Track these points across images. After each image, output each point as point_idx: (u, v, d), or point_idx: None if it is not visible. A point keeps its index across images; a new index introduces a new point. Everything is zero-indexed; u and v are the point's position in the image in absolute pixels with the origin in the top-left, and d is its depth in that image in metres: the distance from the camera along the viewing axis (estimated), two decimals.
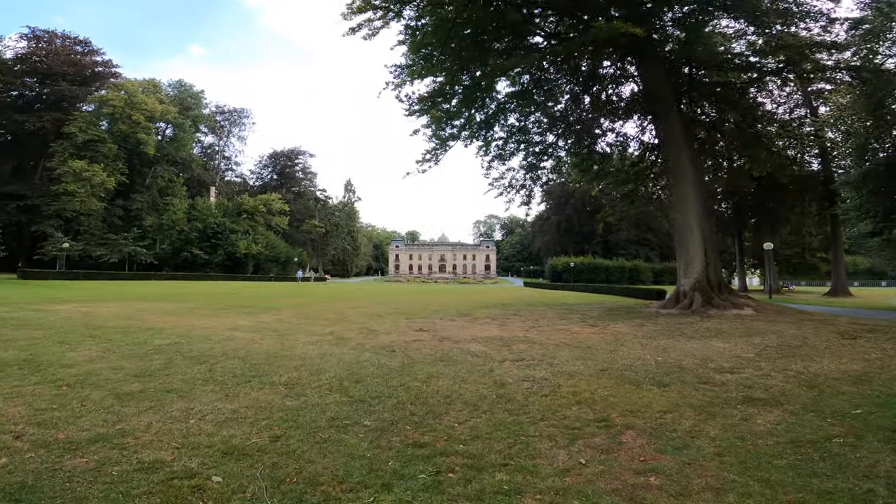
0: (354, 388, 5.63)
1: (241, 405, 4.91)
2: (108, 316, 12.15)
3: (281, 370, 6.50)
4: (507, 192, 20.44)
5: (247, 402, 5.02)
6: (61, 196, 46.52)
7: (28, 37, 51.94)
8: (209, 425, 4.28)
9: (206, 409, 4.73)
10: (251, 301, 18.89)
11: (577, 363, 7.20)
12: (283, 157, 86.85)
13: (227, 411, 4.69)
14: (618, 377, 6.31)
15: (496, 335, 10.10)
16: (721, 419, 4.61)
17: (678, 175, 15.59)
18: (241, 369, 6.52)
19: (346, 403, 5.04)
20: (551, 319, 13.45)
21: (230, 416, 4.53)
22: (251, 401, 5.08)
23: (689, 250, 14.32)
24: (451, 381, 6.04)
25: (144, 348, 7.83)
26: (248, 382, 5.86)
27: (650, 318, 12.78)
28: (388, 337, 9.72)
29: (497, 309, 17.23)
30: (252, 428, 4.24)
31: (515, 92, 19.56)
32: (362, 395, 5.34)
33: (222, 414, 4.60)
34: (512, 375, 6.40)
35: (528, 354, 7.91)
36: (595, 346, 8.78)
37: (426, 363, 7.08)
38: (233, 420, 4.44)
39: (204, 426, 4.25)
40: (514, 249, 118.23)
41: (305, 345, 8.55)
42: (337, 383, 5.85)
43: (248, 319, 12.23)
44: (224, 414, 4.61)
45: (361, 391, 5.51)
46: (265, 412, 4.69)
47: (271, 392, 5.44)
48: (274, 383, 5.83)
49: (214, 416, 4.52)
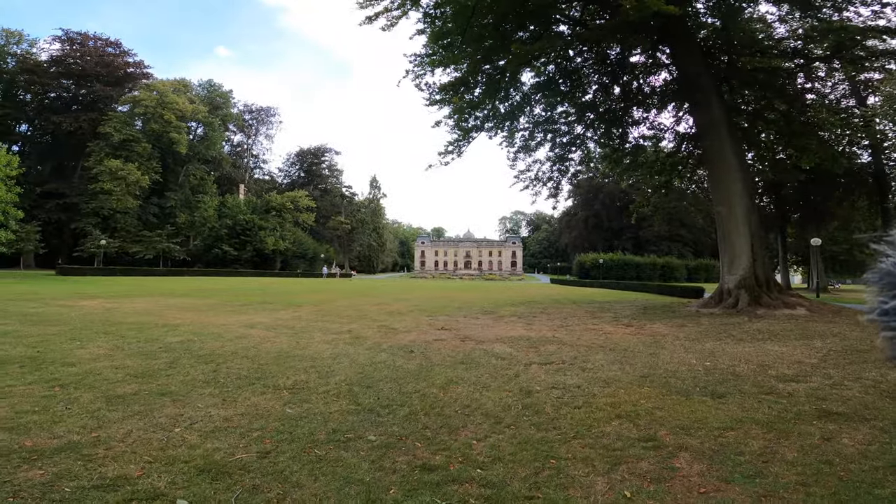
0: (364, 395, 5.08)
1: (236, 412, 4.44)
2: (129, 312, 12.06)
3: (289, 372, 6.03)
4: (534, 184, 19.62)
5: (243, 409, 4.54)
6: (98, 195, 48.09)
7: (62, 39, 53.75)
8: (194, 435, 3.81)
9: (197, 416, 4.28)
10: (274, 297, 18.74)
11: (614, 368, 6.47)
12: (309, 155, 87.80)
13: (218, 419, 4.22)
14: (662, 385, 5.56)
15: (522, 335, 9.42)
16: (797, 439, 3.84)
17: (721, 166, 14.46)
18: (248, 370, 6.08)
19: (353, 412, 4.50)
20: (581, 318, 12.65)
21: (220, 425, 4.06)
22: (249, 407, 4.61)
23: (735, 245, 13.22)
24: (471, 387, 5.43)
25: (154, 346, 7.52)
26: (250, 385, 5.40)
27: (691, 318, 11.82)
28: (407, 336, 9.18)
29: (523, 306, 16.50)
30: (241, 440, 3.74)
31: (541, 83, 18.70)
32: (372, 403, 4.79)
33: (213, 422, 4.13)
34: (540, 382, 5.74)
35: (558, 357, 7.21)
36: (632, 348, 7.99)
37: (446, 366, 6.49)
38: (222, 430, 3.95)
39: (188, 436, 3.78)
40: (540, 246, 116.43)
41: (320, 344, 8.09)
42: (346, 388, 5.33)
43: (267, 316, 11.93)
44: (215, 422, 4.13)
45: (372, 398, 4.96)
46: (261, 421, 4.20)
47: (273, 397, 4.96)
48: (278, 387, 5.36)
49: (203, 425, 4.06)
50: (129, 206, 49.83)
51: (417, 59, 16.56)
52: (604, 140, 20.97)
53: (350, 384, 5.51)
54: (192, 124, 60.62)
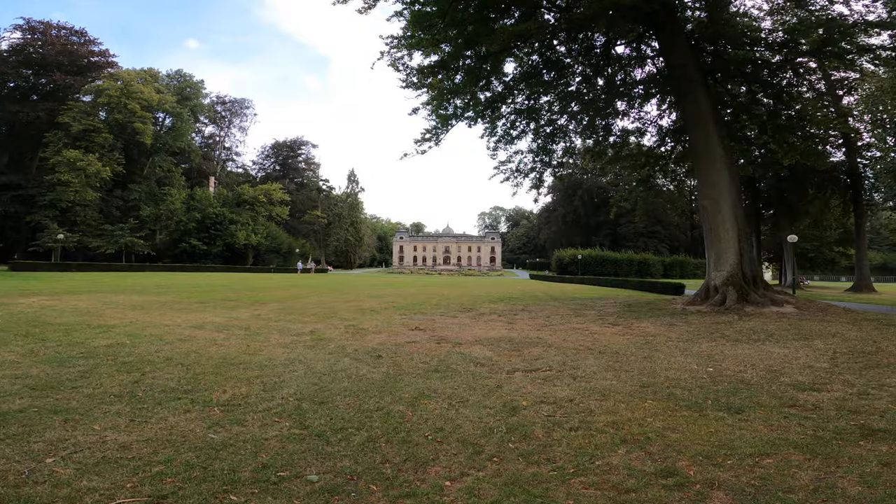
0: (314, 414, 4.15)
1: (141, 437, 3.47)
2: (66, 311, 10.75)
3: (228, 383, 5.04)
4: (515, 176, 18.83)
5: (153, 433, 3.58)
6: (56, 186, 45.43)
7: (23, 27, 50.65)
8: (69, 468, 2.86)
9: (87, 442, 3.32)
10: (238, 293, 17.48)
11: (608, 376, 5.69)
12: (285, 148, 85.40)
13: (114, 446, 3.26)
14: (667, 397, 4.80)
15: (504, 336, 8.59)
16: (851, 466, 3.11)
17: (707, 158, 13.93)
18: (178, 381, 5.07)
19: (296, 439, 3.57)
20: (565, 316, 11.93)
21: (113, 455, 3.10)
22: (162, 430, 3.64)
23: (722, 241, 12.69)
24: (445, 403, 4.55)
25: (75, 351, 6.40)
26: (175, 401, 4.41)
27: (678, 317, 11.22)
28: (376, 338, 8.25)
29: (503, 303, 15.73)
30: (133, 477, 2.80)
31: (524, 72, 17.91)
32: (322, 426, 3.87)
33: (104, 450, 3.18)
34: (526, 394, 4.90)
35: (544, 362, 6.41)
36: (623, 351, 7.25)
37: (417, 375, 5.59)
38: (113, 461, 3.00)
39: (60, 469, 2.84)
40: (519, 241, 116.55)
41: (275, 347, 7.09)
42: (294, 405, 4.38)
43: (223, 315, 10.80)
44: (107, 450, 3.17)
45: (323, 419, 4.04)
46: (169, 450, 3.25)
47: (199, 416, 3.99)
48: (209, 403, 4.38)
49: (89, 454, 3.11)
50: (88, 199, 47.20)
51: (395, 41, 15.54)
52: (587, 132, 20.36)
53: (300, 399, 4.56)
54: (159, 115, 57.93)
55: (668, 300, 15.58)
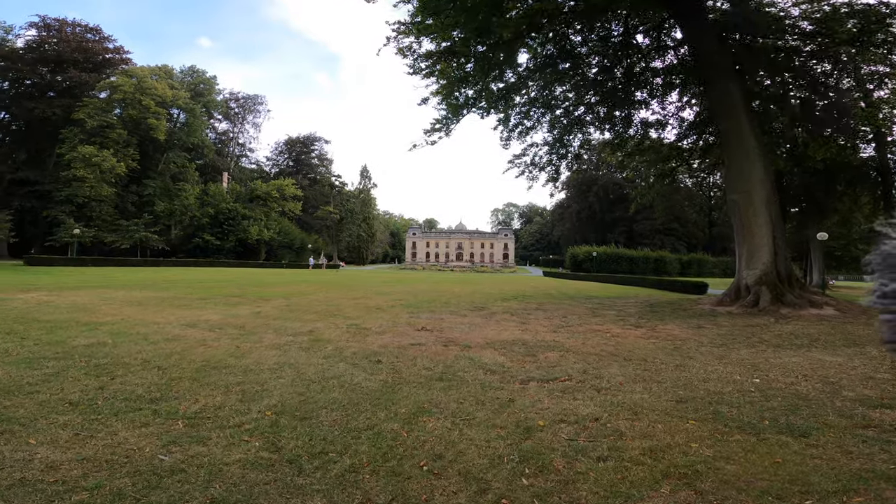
0: (292, 433, 3.53)
1: (78, 455, 2.92)
2: (61, 306, 10.36)
3: (204, 391, 4.45)
4: (530, 170, 18.05)
5: (93, 450, 3.02)
6: (72, 182, 45.82)
7: (38, 25, 51.16)
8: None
9: (12, 459, 2.84)
10: (244, 289, 17.06)
11: (637, 387, 4.97)
12: (298, 144, 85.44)
13: (40, 466, 2.72)
14: (712, 416, 4.07)
15: (517, 338, 7.90)
16: None
17: (738, 149, 13.01)
18: (147, 387, 4.50)
19: (262, 465, 2.95)
20: (582, 316, 11.17)
21: (31, 478, 2.58)
22: (105, 447, 3.07)
23: (755, 236, 11.78)
24: (448, 421, 3.89)
25: (51, 351, 5.89)
26: (136, 411, 3.84)
27: (707, 319, 10.39)
28: (379, 339, 7.62)
29: (516, 302, 15.02)
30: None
31: (539, 63, 17.07)
32: (297, 449, 3.24)
33: (25, 470, 2.65)
34: (542, 410, 4.21)
35: (562, 370, 5.70)
36: (651, 357, 6.51)
37: (418, 384, 4.94)
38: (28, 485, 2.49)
39: None
40: (532, 238, 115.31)
41: (266, 349, 6.51)
42: (270, 420, 3.77)
43: (221, 312, 10.29)
44: (29, 470, 2.63)
45: (300, 439, 3.41)
46: (103, 473, 2.67)
47: (156, 431, 3.39)
48: (173, 414, 3.79)
49: (5, 475, 2.55)
50: (103, 194, 47.53)
51: (402, 27, 14.84)
52: (606, 123, 19.45)
53: (279, 412, 3.95)
54: (174, 111, 58.18)
55: (692, 300, 14.69)
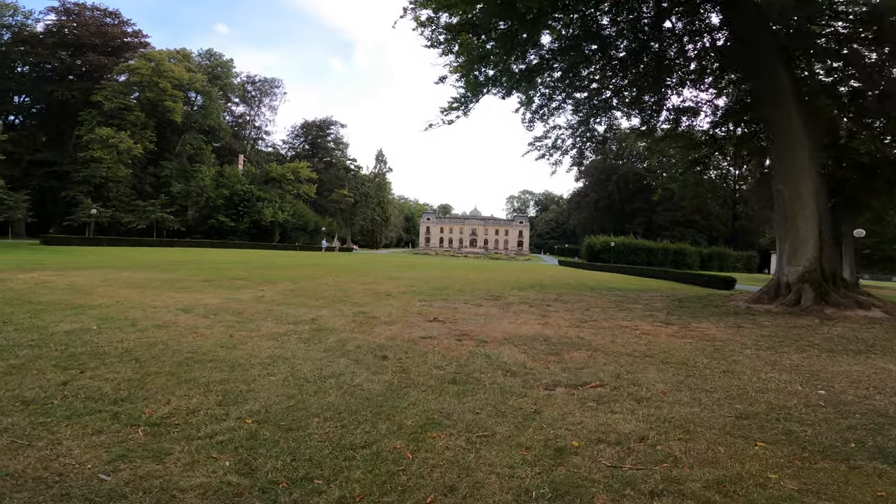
0: (272, 449, 2.90)
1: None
2: (58, 288, 9.95)
3: (180, 390, 3.86)
4: (552, 153, 17.12)
5: (21, 465, 2.50)
6: (90, 163, 46.15)
7: (58, 9, 51.28)
8: None
9: None
10: (251, 271, 16.60)
11: (683, 397, 4.25)
12: (314, 128, 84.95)
13: None
14: (784, 436, 3.34)
15: (538, 333, 7.19)
16: None
17: (786, 138, 12.01)
18: (117, 383, 3.92)
19: (226, 495, 2.34)
20: (606, 310, 10.41)
21: None
22: (37, 461, 2.51)
23: (799, 230, 10.81)
24: (462, 438, 3.22)
25: (27, 338, 5.39)
26: (94, 413, 3.26)
27: (744, 317, 9.54)
28: (387, 330, 6.99)
29: (534, 291, 14.28)
30: None
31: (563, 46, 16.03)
32: (274, 472, 2.61)
33: None
34: (575, 425, 3.52)
35: (592, 373, 5.00)
36: (692, 360, 5.76)
37: (428, 388, 4.28)
38: None
39: None
40: (547, 226, 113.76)
41: (262, 339, 5.92)
42: (250, 430, 3.15)
43: (222, 296, 9.78)
44: None
45: (280, 459, 2.78)
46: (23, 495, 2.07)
47: (108, 441, 2.80)
48: (136, 419, 3.20)
49: None
50: (120, 175, 47.75)
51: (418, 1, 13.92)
52: (634, 109, 18.32)
53: (262, 420, 3.33)
54: (191, 94, 58.02)
55: (721, 296, 13.81)
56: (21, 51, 49.20)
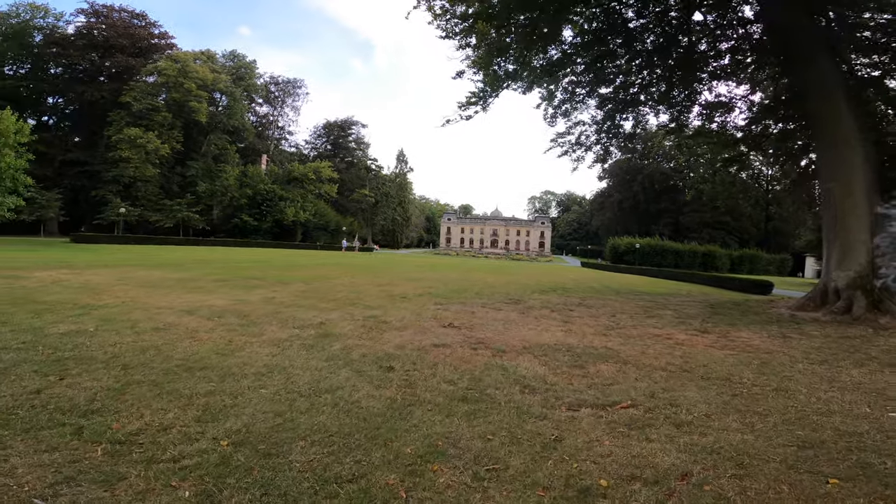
0: (242, 479, 2.47)
1: None
2: (70, 286, 9.87)
3: (157, 402, 3.48)
4: (575, 149, 16.42)
5: None
6: (119, 163, 47.30)
7: (87, 11, 52.74)
8: None
9: None
10: (266, 271, 16.43)
11: (731, 422, 3.66)
12: (336, 128, 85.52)
13: None
14: (861, 470, 2.73)
15: (560, 342, 6.63)
16: None
17: (835, 134, 11.10)
18: (94, 392, 3.57)
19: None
20: (634, 316, 9.74)
21: None
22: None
23: (850, 232, 9.91)
24: (468, 472, 2.73)
25: (18, 340, 5.15)
26: (56, 427, 2.92)
27: (789, 326, 8.75)
28: (397, 336, 6.54)
29: (556, 295, 13.65)
30: None
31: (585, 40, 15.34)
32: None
33: None
34: (603, 457, 2.99)
35: (622, 390, 4.43)
36: (736, 375, 5.12)
37: (434, 407, 3.80)
38: None
39: None
40: (570, 227, 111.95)
41: (262, 345, 5.55)
42: (222, 454, 2.72)
43: (232, 297, 9.51)
44: None
45: (250, 493, 2.35)
46: None
47: (60, 460, 2.42)
48: (98, 436, 2.82)
49: None
50: (148, 175, 48.80)
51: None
52: (662, 105, 17.45)
53: (240, 442, 2.91)
54: (216, 95, 59.02)
55: (760, 301, 12.92)
56: (53, 52, 50.76)
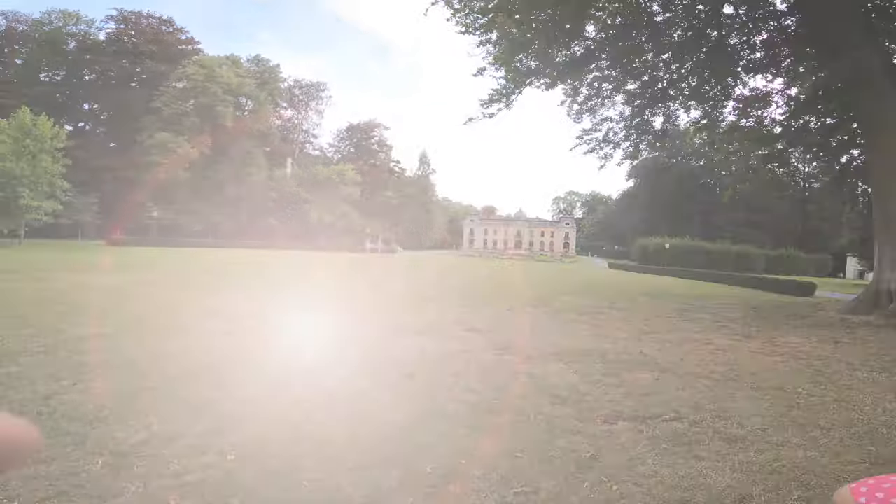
0: (244, 501, 2.24)
1: None
2: (88, 289, 9.98)
3: (171, 407, 3.30)
4: (602, 146, 15.88)
5: None
6: (151, 167, 48.76)
7: (117, 18, 54.68)
8: None
9: None
10: (273, 276, 16.49)
11: (792, 437, 3.25)
12: (359, 131, 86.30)
13: None
14: None
15: (591, 347, 6.26)
16: None
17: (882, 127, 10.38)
18: (103, 399, 3.42)
19: None
20: (669, 319, 9.24)
21: None
22: None
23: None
24: (493, 498, 2.44)
25: (40, 342, 5.12)
26: (53, 438, 2.74)
27: (840, 330, 8.13)
28: (417, 341, 6.28)
29: (584, 297, 13.19)
30: None
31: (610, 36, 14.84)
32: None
33: None
34: (647, 478, 2.64)
35: (663, 401, 4.05)
36: (789, 384, 4.66)
37: (457, 420, 3.52)
38: None
39: None
40: (595, 228, 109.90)
41: (279, 351, 5.38)
42: (226, 471, 2.50)
43: (250, 297, 9.46)
44: None
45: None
46: None
47: (49, 473, 2.24)
48: (100, 447, 2.65)
49: None
50: (179, 179, 50.18)
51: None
52: (693, 101, 16.71)
53: (247, 456, 2.69)
54: (242, 99, 60.32)
55: (806, 304, 12.19)
56: (87, 59, 52.76)
